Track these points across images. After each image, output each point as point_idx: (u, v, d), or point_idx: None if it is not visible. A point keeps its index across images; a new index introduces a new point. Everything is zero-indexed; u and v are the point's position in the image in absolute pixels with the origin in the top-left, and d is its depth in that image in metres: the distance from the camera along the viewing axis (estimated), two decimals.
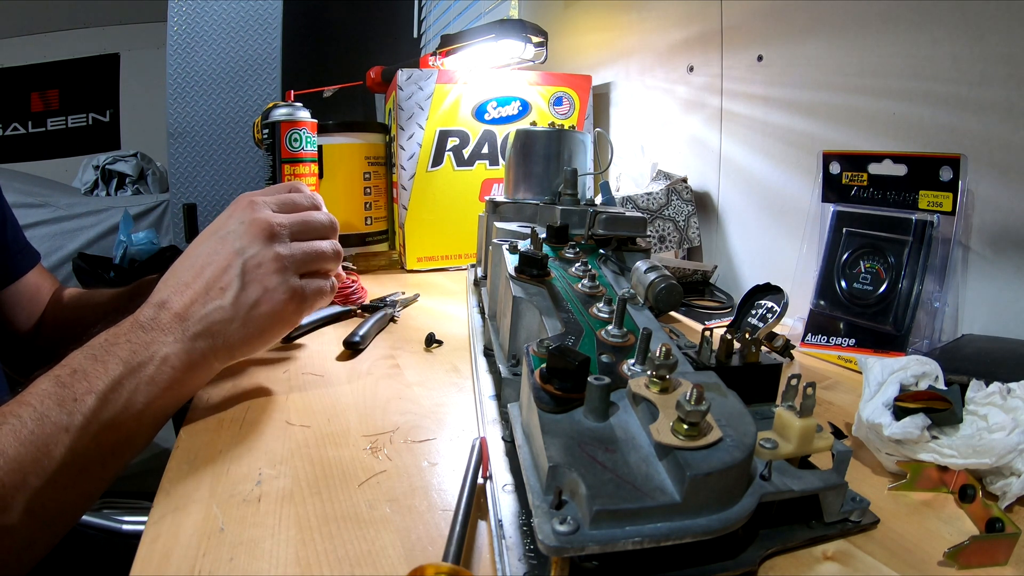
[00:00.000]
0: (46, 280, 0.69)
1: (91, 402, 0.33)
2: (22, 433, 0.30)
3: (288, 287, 0.40)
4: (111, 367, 0.34)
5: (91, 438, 0.32)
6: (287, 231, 0.41)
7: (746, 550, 0.27)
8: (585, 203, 0.63)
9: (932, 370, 0.36)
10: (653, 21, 0.98)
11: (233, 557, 0.27)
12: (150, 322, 0.37)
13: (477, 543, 0.29)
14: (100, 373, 0.34)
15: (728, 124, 0.81)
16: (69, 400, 0.32)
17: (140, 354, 0.35)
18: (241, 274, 0.39)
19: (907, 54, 0.56)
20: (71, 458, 0.32)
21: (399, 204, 0.93)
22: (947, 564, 0.27)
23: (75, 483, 0.33)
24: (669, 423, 0.25)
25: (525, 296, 0.39)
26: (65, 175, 2.55)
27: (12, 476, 0.29)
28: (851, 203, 0.57)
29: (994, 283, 0.50)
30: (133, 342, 0.35)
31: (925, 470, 0.33)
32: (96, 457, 0.33)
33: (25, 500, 0.30)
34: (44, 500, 0.31)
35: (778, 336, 0.52)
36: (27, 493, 0.30)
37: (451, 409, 0.43)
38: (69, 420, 0.32)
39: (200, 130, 1.59)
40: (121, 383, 0.34)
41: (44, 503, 0.31)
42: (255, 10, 1.59)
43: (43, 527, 0.32)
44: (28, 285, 0.66)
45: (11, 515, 0.29)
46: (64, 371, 0.34)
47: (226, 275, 0.38)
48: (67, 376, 0.33)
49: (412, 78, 0.89)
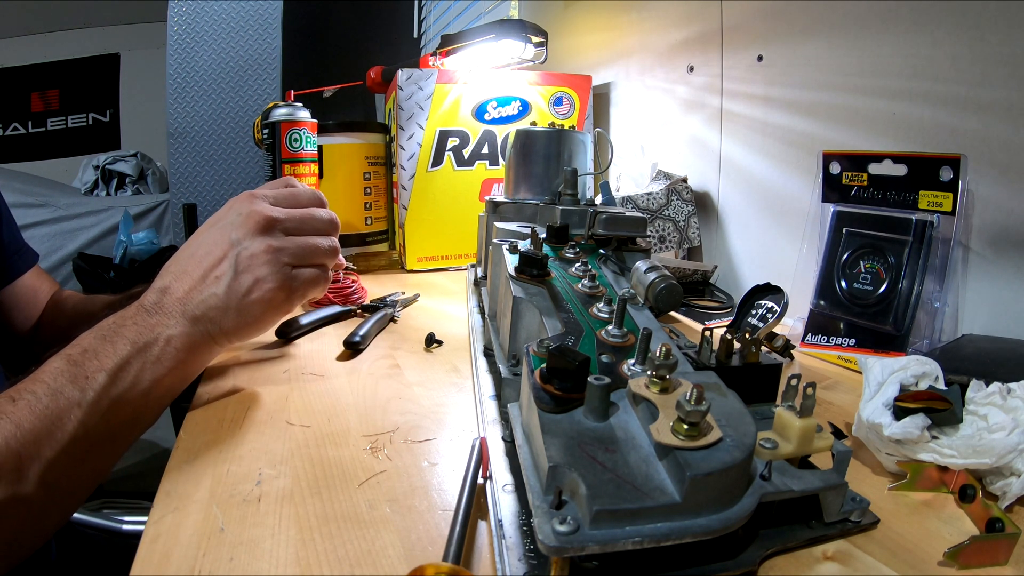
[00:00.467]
0: (44, 282, 0.69)
1: (102, 379, 0.35)
2: (37, 408, 0.32)
3: (278, 277, 0.42)
4: (119, 347, 0.36)
5: (102, 414, 0.34)
6: (282, 225, 0.43)
7: (746, 550, 0.27)
8: (585, 203, 0.63)
9: (932, 370, 0.36)
10: (653, 21, 0.98)
11: (233, 557, 0.27)
12: (154, 306, 0.39)
13: (477, 543, 0.29)
14: (109, 352, 0.36)
15: (728, 124, 0.81)
16: (81, 377, 0.34)
17: (146, 335, 0.37)
18: (235, 264, 0.40)
19: (907, 54, 0.56)
20: (83, 432, 0.33)
21: (399, 204, 0.93)
22: (947, 564, 0.27)
23: (87, 457, 0.34)
24: (669, 423, 0.25)
25: (525, 296, 0.39)
26: (65, 175, 2.54)
27: (28, 448, 0.31)
28: (851, 203, 0.57)
29: (994, 283, 0.50)
30: (139, 324, 0.38)
31: (925, 470, 0.33)
32: (106, 433, 0.35)
33: (39, 471, 0.31)
34: (57, 473, 0.32)
35: (778, 336, 0.52)
36: (41, 464, 0.31)
37: (451, 409, 0.43)
38: (81, 396, 0.34)
39: (200, 130, 1.59)
40: (129, 362, 0.36)
41: (57, 476, 0.32)
42: (255, 10, 1.60)
43: (56, 500, 0.33)
44: (25, 286, 0.66)
45: (26, 485, 0.31)
46: (75, 351, 0.36)
47: (221, 265, 0.41)
48: (78, 355, 0.35)
49: (412, 78, 0.89)
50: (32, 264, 0.67)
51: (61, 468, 0.32)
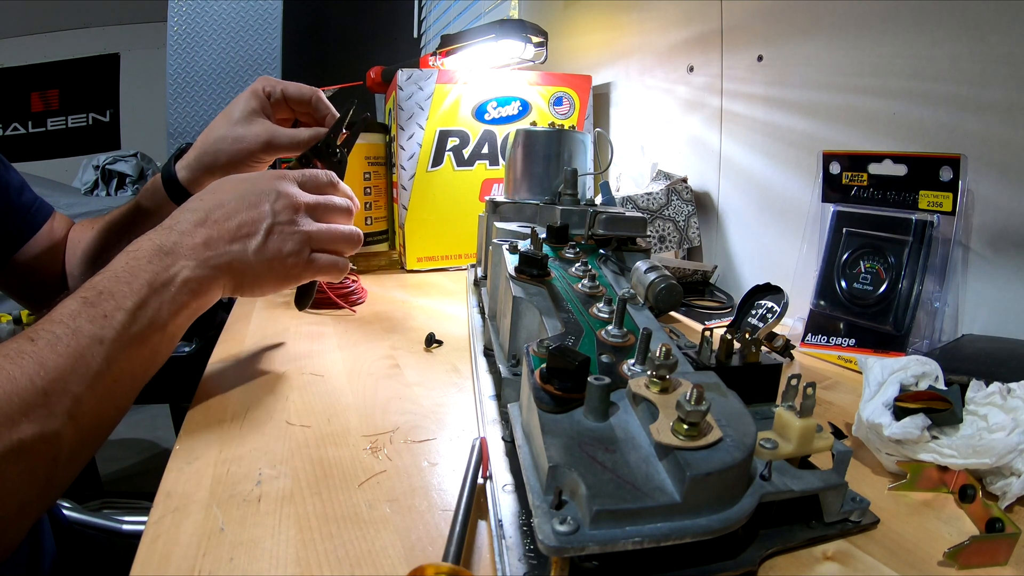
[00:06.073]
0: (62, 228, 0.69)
1: (121, 317, 0.36)
2: (59, 346, 0.33)
3: (301, 256, 0.45)
4: (136, 287, 0.37)
5: (122, 350, 0.36)
6: (311, 209, 0.47)
7: (746, 550, 0.27)
8: (585, 203, 0.63)
9: (932, 370, 0.36)
10: (653, 21, 0.98)
11: (233, 557, 0.27)
12: (172, 247, 0.40)
13: (477, 543, 0.29)
14: (127, 293, 0.37)
15: (728, 124, 0.81)
16: (99, 316, 0.35)
17: (163, 276, 0.39)
18: (267, 231, 0.44)
19: (907, 54, 0.56)
20: (106, 368, 0.35)
21: (399, 204, 0.93)
22: (947, 564, 0.27)
23: (110, 394, 0.35)
24: (669, 423, 0.25)
25: (525, 296, 0.39)
26: (65, 175, 2.54)
27: (54, 384, 0.32)
28: (851, 203, 0.57)
29: (994, 283, 0.50)
30: (156, 264, 0.39)
31: (925, 470, 0.33)
32: (127, 369, 0.36)
33: (66, 408, 0.32)
34: (84, 408, 0.33)
35: (778, 336, 0.52)
36: (68, 401, 0.32)
37: (451, 409, 0.43)
38: (102, 333, 0.35)
39: (200, 130, 1.59)
40: (147, 301, 0.38)
41: (84, 412, 0.33)
42: (255, 10, 1.60)
43: (83, 437, 0.34)
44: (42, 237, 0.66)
45: (55, 421, 0.32)
46: (90, 292, 0.36)
47: (253, 227, 0.43)
48: (94, 296, 0.36)
49: (412, 78, 0.89)
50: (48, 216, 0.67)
51: (87, 404, 0.33)
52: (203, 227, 0.42)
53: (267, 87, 0.60)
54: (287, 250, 0.44)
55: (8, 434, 0.29)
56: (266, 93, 0.60)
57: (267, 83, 0.60)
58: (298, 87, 0.61)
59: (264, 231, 0.43)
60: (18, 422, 0.30)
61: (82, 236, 0.68)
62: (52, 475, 0.32)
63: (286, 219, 0.44)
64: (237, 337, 0.59)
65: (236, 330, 0.61)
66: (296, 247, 0.45)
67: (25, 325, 1.54)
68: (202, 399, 0.44)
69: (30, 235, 0.65)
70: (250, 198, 0.44)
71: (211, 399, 0.44)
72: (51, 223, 0.67)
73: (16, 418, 0.30)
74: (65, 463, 0.33)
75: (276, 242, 0.44)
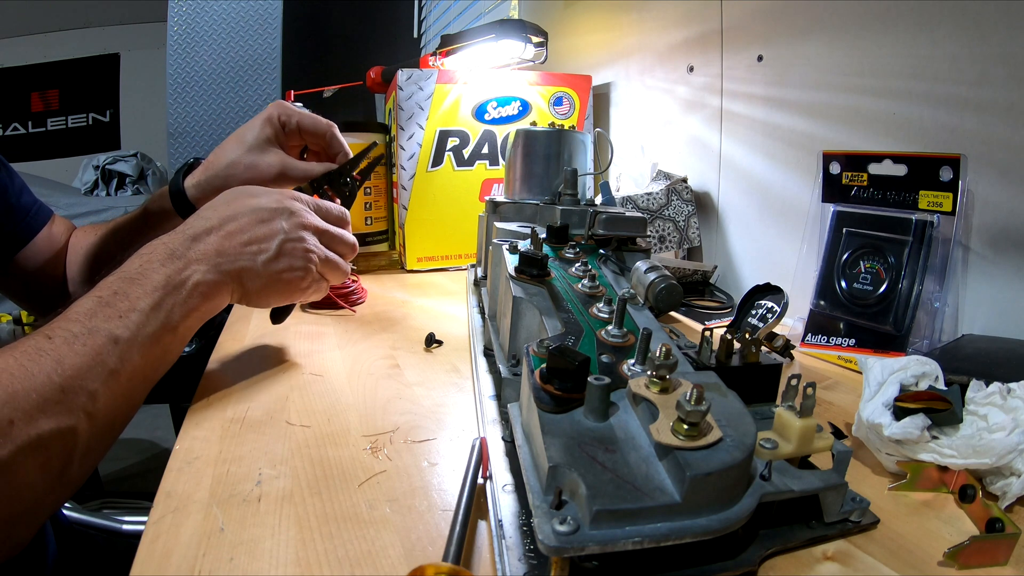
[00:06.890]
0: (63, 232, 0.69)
1: (136, 318, 0.37)
2: (75, 344, 0.34)
3: (307, 274, 0.48)
4: (150, 289, 0.39)
5: (136, 349, 0.36)
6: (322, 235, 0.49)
7: (746, 550, 0.27)
8: (585, 203, 0.63)
9: (932, 370, 0.36)
10: (653, 21, 0.98)
11: (233, 557, 0.27)
12: (185, 251, 0.42)
13: (477, 543, 0.29)
14: (140, 293, 0.38)
15: (728, 124, 0.81)
16: (115, 316, 0.36)
17: (175, 278, 0.40)
18: (279, 247, 0.46)
19: (907, 54, 0.56)
20: (121, 366, 0.35)
21: (399, 204, 0.93)
22: (947, 564, 0.27)
23: (124, 391, 0.36)
24: (669, 423, 0.25)
25: (525, 296, 0.39)
26: (65, 175, 2.55)
27: (71, 381, 0.33)
28: (851, 203, 0.57)
29: (994, 283, 0.50)
30: (168, 267, 0.40)
31: (925, 470, 0.33)
32: (140, 368, 0.37)
33: (83, 404, 0.33)
34: (99, 405, 0.34)
35: (778, 336, 0.52)
36: (84, 397, 0.33)
37: (451, 409, 0.43)
38: (117, 332, 0.36)
39: (200, 130, 1.59)
40: (161, 303, 0.39)
41: (99, 408, 0.34)
42: (255, 10, 1.60)
43: (99, 433, 0.35)
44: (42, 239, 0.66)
45: (72, 417, 0.32)
46: (105, 292, 0.37)
47: (267, 242, 0.45)
48: (109, 296, 0.37)
49: (412, 78, 0.89)
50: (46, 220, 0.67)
51: (102, 402, 0.34)
52: (216, 235, 0.43)
53: (283, 116, 0.60)
54: (298, 266, 0.46)
55: (27, 429, 0.30)
56: (281, 122, 0.60)
57: (283, 111, 0.60)
58: (314, 120, 0.60)
59: (277, 247, 0.45)
60: (36, 417, 0.30)
61: (84, 240, 0.68)
62: (67, 471, 0.33)
63: (296, 236, 0.46)
64: (237, 337, 0.59)
65: (236, 330, 0.61)
66: (305, 265, 0.47)
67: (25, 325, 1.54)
68: (202, 399, 0.44)
69: (30, 237, 0.65)
70: (263, 213, 0.46)
71: (211, 399, 0.44)
72: (50, 226, 0.67)
73: (34, 413, 0.30)
74: (80, 459, 0.33)
75: (288, 259, 0.46)
